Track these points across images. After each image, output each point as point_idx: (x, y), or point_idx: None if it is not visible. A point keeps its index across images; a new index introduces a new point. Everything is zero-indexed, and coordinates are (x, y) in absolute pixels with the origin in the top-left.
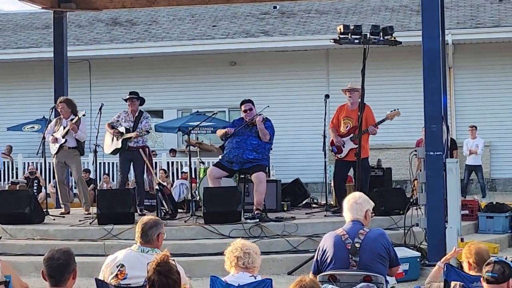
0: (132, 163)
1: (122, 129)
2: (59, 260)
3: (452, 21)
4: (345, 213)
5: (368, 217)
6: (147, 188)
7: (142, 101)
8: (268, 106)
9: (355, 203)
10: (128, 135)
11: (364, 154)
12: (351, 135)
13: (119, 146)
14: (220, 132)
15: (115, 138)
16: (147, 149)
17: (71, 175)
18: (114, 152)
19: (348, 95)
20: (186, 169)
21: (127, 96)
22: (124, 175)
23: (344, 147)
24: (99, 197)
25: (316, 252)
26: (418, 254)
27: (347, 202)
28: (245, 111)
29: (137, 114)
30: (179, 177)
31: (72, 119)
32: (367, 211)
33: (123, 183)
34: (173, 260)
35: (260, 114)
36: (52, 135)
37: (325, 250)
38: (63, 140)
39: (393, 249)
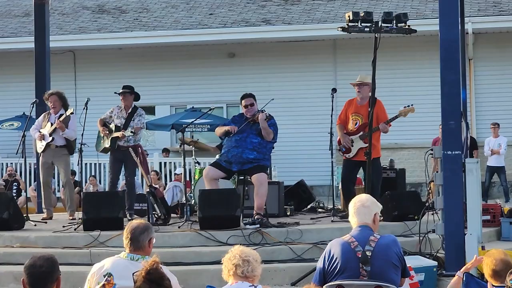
0: (123, 163)
1: (112, 126)
2: (42, 268)
3: (472, 7)
4: (351, 218)
5: (377, 221)
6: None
7: (136, 96)
8: (273, 99)
9: (363, 206)
10: (115, 134)
11: (375, 154)
12: (361, 133)
13: (108, 145)
14: (221, 129)
15: (105, 137)
16: (139, 148)
17: (53, 177)
18: (104, 151)
19: (357, 90)
20: (178, 170)
21: (120, 90)
22: (114, 177)
23: (353, 146)
24: (85, 200)
25: (321, 260)
26: (434, 263)
27: (354, 205)
28: (245, 106)
29: (130, 110)
30: (173, 179)
31: (60, 115)
32: (375, 214)
33: (113, 185)
34: (161, 267)
35: (263, 111)
36: (39, 131)
37: (333, 258)
38: (50, 138)
39: (404, 258)
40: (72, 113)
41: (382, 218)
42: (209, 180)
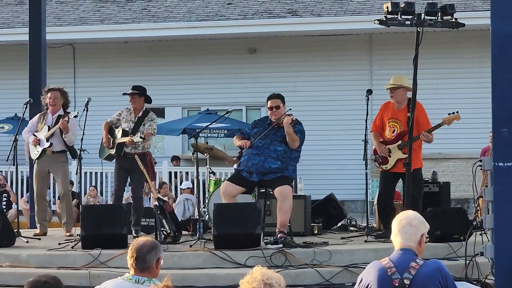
0: (129, 173)
1: (119, 131)
2: (47, 284)
3: None
4: (394, 237)
5: (423, 244)
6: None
7: (147, 98)
8: (290, 109)
9: (409, 225)
10: (122, 140)
11: (416, 164)
12: (399, 142)
13: (113, 151)
14: (236, 144)
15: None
16: (148, 156)
17: (49, 188)
18: (108, 158)
19: (390, 94)
20: (185, 184)
21: (129, 91)
22: (120, 187)
23: (390, 157)
24: (84, 214)
25: (356, 285)
26: None
27: (398, 223)
28: (270, 108)
29: (141, 114)
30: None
31: (59, 116)
32: (422, 235)
33: (118, 196)
34: None
35: (289, 114)
36: (34, 135)
37: (367, 286)
38: (48, 144)
39: (454, 286)
40: (76, 116)
41: (428, 239)
42: (228, 198)
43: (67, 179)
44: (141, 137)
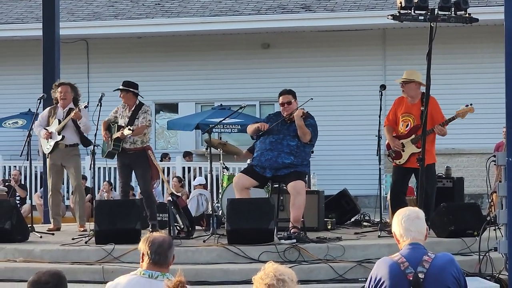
0: (132, 169)
1: (114, 128)
2: (48, 284)
3: None
4: (401, 234)
5: (427, 237)
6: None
7: (135, 93)
8: (312, 99)
9: (418, 218)
10: (114, 135)
11: (430, 160)
12: (413, 136)
13: (111, 148)
14: (252, 127)
15: (109, 140)
16: (148, 151)
17: (62, 183)
18: (108, 155)
19: (402, 88)
20: (198, 180)
21: (120, 87)
22: (125, 184)
23: (403, 151)
24: (98, 209)
25: (367, 283)
26: (497, 286)
27: (407, 218)
28: (282, 104)
29: (134, 107)
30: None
31: (70, 110)
32: (427, 228)
33: (125, 193)
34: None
35: (301, 108)
36: (45, 129)
37: (379, 281)
38: (60, 137)
39: (464, 279)
40: (86, 106)
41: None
42: (240, 190)
43: (79, 172)
44: (129, 129)
